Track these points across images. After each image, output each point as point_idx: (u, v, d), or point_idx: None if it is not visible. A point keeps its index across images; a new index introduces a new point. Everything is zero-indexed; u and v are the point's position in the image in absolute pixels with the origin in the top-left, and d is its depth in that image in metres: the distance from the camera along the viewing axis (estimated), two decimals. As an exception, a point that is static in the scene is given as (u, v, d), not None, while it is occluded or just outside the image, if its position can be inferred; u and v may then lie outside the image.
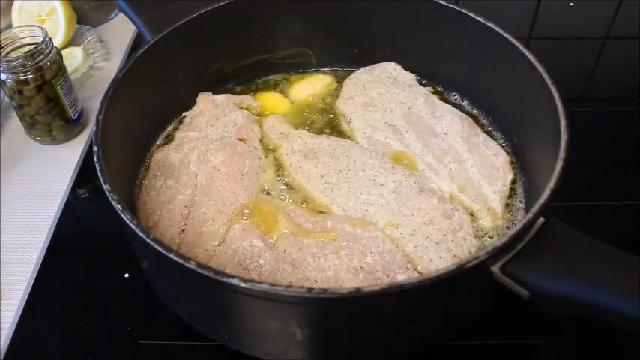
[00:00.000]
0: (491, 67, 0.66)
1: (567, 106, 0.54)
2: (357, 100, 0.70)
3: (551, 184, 0.47)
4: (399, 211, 0.57)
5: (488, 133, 0.67)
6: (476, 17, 0.64)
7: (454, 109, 0.68)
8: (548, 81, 0.56)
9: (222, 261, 0.53)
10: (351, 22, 0.73)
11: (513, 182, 0.61)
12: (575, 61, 0.91)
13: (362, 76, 0.73)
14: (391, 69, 0.73)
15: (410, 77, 0.72)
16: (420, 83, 0.73)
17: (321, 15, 0.73)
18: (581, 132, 0.55)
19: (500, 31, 0.62)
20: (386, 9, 0.71)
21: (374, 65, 0.74)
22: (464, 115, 0.68)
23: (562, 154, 0.50)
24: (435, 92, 0.72)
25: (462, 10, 0.65)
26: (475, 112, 0.70)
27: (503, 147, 0.65)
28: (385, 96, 0.70)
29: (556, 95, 0.55)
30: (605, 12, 0.97)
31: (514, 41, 0.61)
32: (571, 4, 1.00)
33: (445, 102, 0.70)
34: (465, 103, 0.71)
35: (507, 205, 0.59)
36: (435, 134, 0.64)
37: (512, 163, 0.63)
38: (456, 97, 0.72)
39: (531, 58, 0.59)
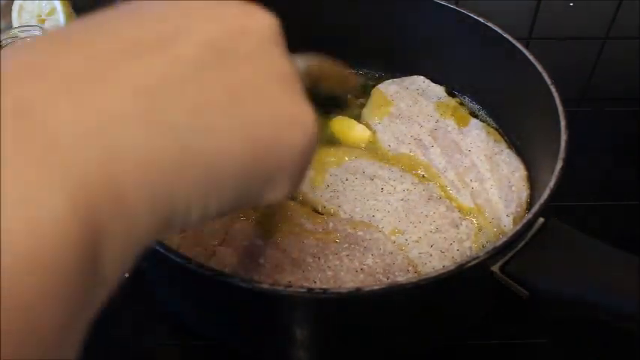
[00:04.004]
0: (490, 67, 0.66)
1: (567, 106, 0.54)
2: (384, 111, 0.69)
3: (551, 184, 0.47)
4: (406, 218, 0.57)
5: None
6: (476, 17, 0.64)
7: (481, 123, 0.66)
8: (548, 81, 0.56)
9: (222, 261, 0.53)
10: (349, 21, 0.73)
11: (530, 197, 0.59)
12: (575, 61, 0.91)
13: (390, 86, 0.72)
14: (420, 81, 0.72)
15: (439, 89, 0.71)
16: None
17: (321, 15, 0.73)
18: (581, 132, 0.55)
19: (500, 31, 0.63)
20: (385, 9, 0.71)
21: (403, 78, 0.73)
22: (491, 130, 0.66)
23: (562, 154, 0.50)
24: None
25: (462, 10, 0.66)
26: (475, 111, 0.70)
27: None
28: (413, 108, 0.68)
29: (556, 95, 0.55)
30: (605, 12, 0.97)
31: (514, 41, 0.61)
32: (571, 4, 1.00)
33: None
34: (466, 101, 0.71)
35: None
36: (459, 150, 0.63)
37: (528, 178, 0.60)
38: (455, 96, 0.72)
39: (531, 58, 0.59)
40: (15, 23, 0.88)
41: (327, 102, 0.62)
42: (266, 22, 0.27)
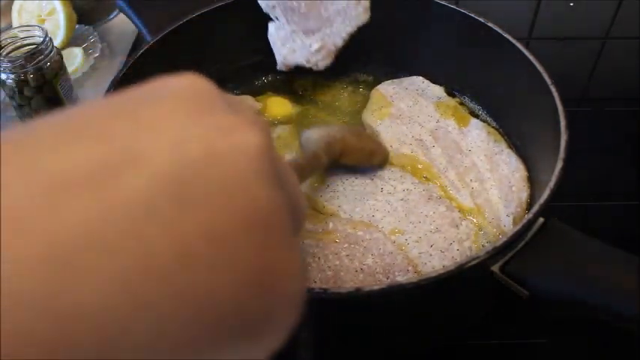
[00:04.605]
0: (490, 67, 0.66)
1: (567, 106, 0.54)
2: (384, 112, 0.69)
3: (551, 184, 0.47)
4: (406, 218, 0.57)
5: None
6: (476, 17, 0.65)
7: (481, 123, 0.66)
8: (548, 81, 0.56)
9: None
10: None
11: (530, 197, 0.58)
12: (575, 61, 0.91)
13: (389, 87, 0.72)
14: (420, 82, 0.72)
15: (439, 89, 0.71)
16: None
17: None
18: (581, 132, 0.55)
19: (500, 31, 0.63)
20: (385, 9, 0.71)
21: (402, 78, 0.73)
22: (491, 130, 0.66)
23: (562, 154, 0.50)
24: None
25: (462, 10, 0.66)
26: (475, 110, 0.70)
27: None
28: (414, 108, 0.68)
29: (556, 95, 0.55)
30: (605, 12, 0.97)
31: (514, 41, 0.61)
32: (571, 4, 1.00)
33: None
34: (466, 101, 0.71)
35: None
36: (460, 150, 0.63)
37: (529, 178, 0.60)
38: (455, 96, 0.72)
39: (531, 58, 0.59)
40: (15, 23, 0.88)
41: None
42: (249, 144, 0.20)
